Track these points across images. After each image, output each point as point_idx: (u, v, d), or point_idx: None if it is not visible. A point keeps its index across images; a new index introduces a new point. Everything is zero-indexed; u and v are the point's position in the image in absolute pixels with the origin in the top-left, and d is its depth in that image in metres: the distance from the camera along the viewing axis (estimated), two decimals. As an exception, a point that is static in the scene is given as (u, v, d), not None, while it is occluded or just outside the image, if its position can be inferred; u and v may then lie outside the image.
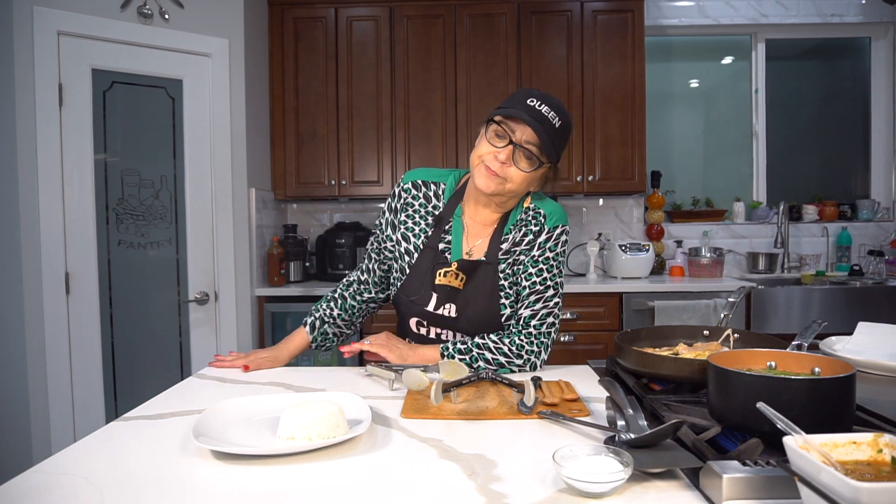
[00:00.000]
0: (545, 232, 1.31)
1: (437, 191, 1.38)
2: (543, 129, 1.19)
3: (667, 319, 2.89)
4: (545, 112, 1.20)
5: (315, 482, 0.75)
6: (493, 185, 1.23)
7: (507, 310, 1.31)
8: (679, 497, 0.69)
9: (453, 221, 1.35)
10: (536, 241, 1.31)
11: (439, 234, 1.34)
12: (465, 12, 3.28)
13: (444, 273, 1.31)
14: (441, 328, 1.35)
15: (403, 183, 1.39)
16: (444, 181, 1.38)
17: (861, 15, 3.66)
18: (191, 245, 2.74)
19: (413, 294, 1.34)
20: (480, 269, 1.31)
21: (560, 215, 1.34)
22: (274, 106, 3.32)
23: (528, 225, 1.32)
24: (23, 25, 2.30)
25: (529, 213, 1.33)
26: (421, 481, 0.75)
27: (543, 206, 1.34)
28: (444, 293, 1.32)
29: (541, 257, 1.31)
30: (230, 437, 0.90)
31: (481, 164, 1.24)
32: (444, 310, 1.32)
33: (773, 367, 0.89)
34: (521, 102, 1.21)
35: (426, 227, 1.36)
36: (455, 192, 1.37)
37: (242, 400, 1.05)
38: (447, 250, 1.34)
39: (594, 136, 3.29)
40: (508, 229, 1.33)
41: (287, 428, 0.87)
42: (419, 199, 1.38)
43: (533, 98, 1.21)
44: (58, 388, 2.38)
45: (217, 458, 0.83)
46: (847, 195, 3.85)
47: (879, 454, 0.59)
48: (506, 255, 1.32)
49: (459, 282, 1.31)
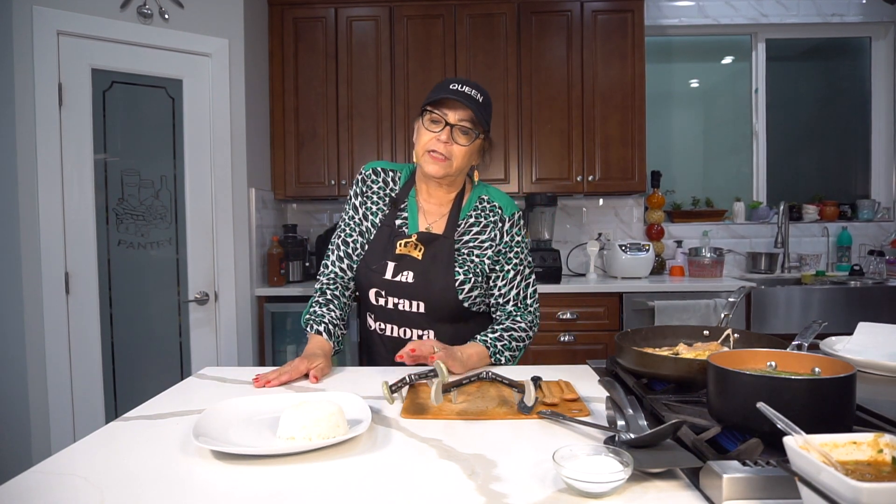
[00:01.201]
0: (507, 221, 1.48)
1: (395, 177, 1.54)
2: (471, 105, 1.35)
3: (667, 319, 2.89)
4: (468, 91, 1.36)
5: (315, 482, 0.75)
6: (442, 169, 1.39)
7: (460, 276, 1.42)
8: (679, 497, 0.69)
9: (408, 202, 1.50)
10: (503, 229, 1.48)
11: (395, 213, 1.49)
12: (465, 12, 3.28)
13: (404, 243, 1.44)
14: (399, 297, 1.44)
15: (364, 171, 1.54)
16: (399, 171, 1.54)
17: (861, 15, 3.66)
18: (191, 245, 2.74)
19: (373, 264, 1.45)
20: (438, 242, 1.44)
21: (511, 202, 1.53)
22: (274, 106, 3.32)
23: (487, 216, 1.48)
24: (23, 25, 2.30)
25: (485, 205, 1.49)
26: (421, 481, 0.75)
27: (496, 199, 1.51)
28: (403, 262, 1.43)
29: (512, 242, 1.49)
30: (230, 437, 0.90)
31: (426, 154, 1.39)
32: (401, 276, 1.43)
33: (773, 367, 0.89)
34: (445, 89, 1.36)
35: (384, 207, 1.50)
36: (409, 178, 1.53)
37: (242, 400, 1.05)
38: (403, 225, 1.48)
39: (594, 136, 3.29)
40: (466, 214, 1.48)
41: (287, 428, 0.87)
42: (378, 184, 1.52)
43: (454, 83, 1.37)
44: (58, 388, 2.38)
45: (217, 458, 0.83)
46: (847, 195, 3.85)
47: (880, 454, 0.59)
48: (461, 236, 1.47)
49: (418, 252, 1.43)
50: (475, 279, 1.44)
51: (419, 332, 1.45)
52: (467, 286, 1.43)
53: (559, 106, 3.30)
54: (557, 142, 3.30)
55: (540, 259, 3.18)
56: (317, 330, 1.41)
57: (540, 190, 3.31)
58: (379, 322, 1.49)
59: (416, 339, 1.44)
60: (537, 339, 2.98)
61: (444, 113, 1.36)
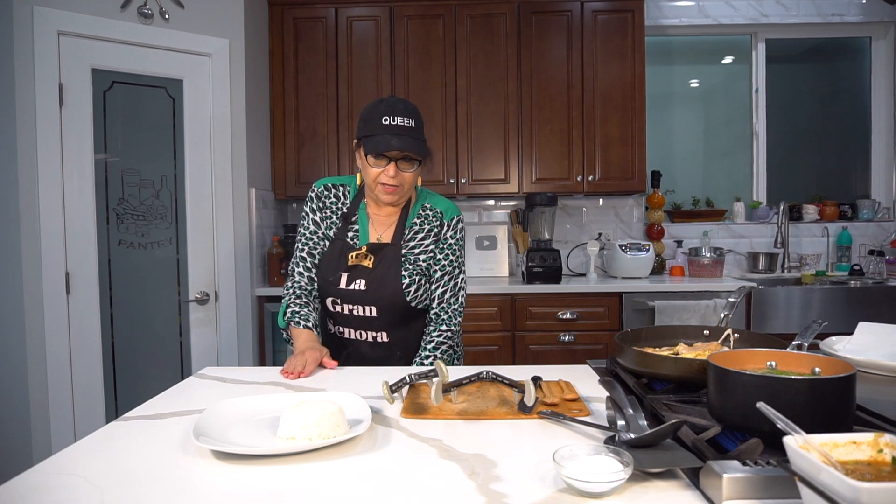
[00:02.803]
0: (445, 224, 1.60)
1: (344, 191, 1.62)
2: (408, 139, 1.43)
3: (667, 319, 2.89)
4: (401, 122, 1.43)
5: (315, 482, 0.75)
6: (395, 198, 1.51)
7: (406, 279, 1.53)
8: (679, 497, 0.69)
9: (358, 214, 1.60)
10: (441, 234, 1.60)
11: (346, 227, 1.59)
12: (465, 12, 3.28)
13: (355, 255, 1.54)
14: (353, 304, 1.55)
15: (317, 188, 1.62)
16: (347, 184, 1.63)
17: (861, 15, 3.66)
18: (191, 245, 2.74)
19: (328, 276, 1.55)
20: (386, 250, 1.55)
21: (452, 208, 1.63)
22: (274, 106, 3.32)
23: (430, 222, 1.60)
24: (23, 25, 2.30)
25: (429, 212, 1.61)
26: (421, 481, 0.75)
27: (438, 205, 1.62)
28: (355, 272, 1.54)
29: (444, 245, 1.60)
30: (230, 437, 0.90)
31: (377, 185, 1.48)
32: (354, 285, 1.53)
33: (773, 367, 0.89)
34: (380, 126, 1.42)
35: (336, 221, 1.60)
36: (357, 192, 1.62)
37: (242, 400, 1.05)
38: (355, 237, 1.58)
39: (594, 136, 3.29)
40: (412, 223, 1.60)
41: (287, 428, 0.87)
42: (330, 198, 1.61)
43: (385, 116, 1.42)
44: (58, 388, 2.38)
45: (217, 458, 0.83)
46: (847, 195, 3.85)
47: (880, 454, 0.59)
48: (408, 242, 1.57)
49: (369, 261, 1.54)
50: (419, 280, 1.56)
51: (374, 334, 1.58)
52: (413, 287, 1.55)
53: (559, 106, 3.30)
54: (557, 142, 3.30)
55: (540, 259, 3.18)
56: (305, 325, 1.49)
57: (540, 190, 3.31)
58: (338, 326, 1.61)
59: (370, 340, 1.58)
60: (537, 339, 2.99)
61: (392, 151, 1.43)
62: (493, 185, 3.31)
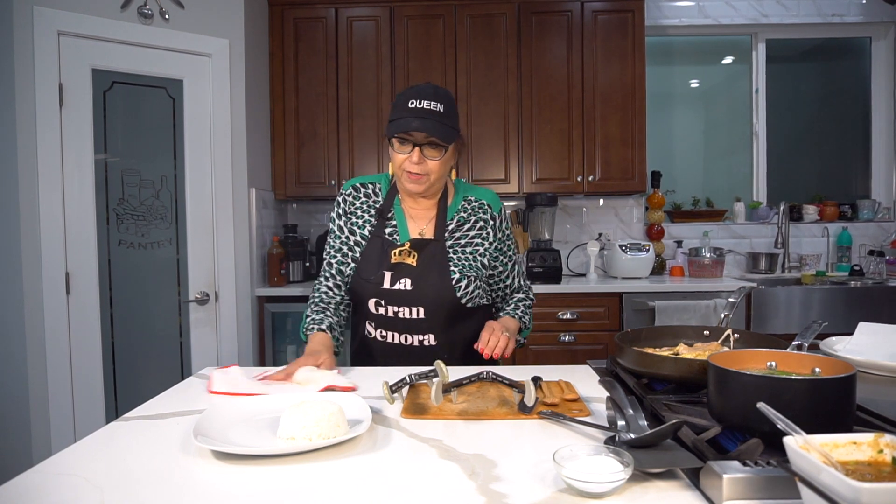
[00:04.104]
0: (498, 218, 1.55)
1: (375, 189, 1.56)
2: (433, 121, 1.36)
3: (667, 319, 2.89)
4: (428, 106, 1.36)
5: (315, 482, 0.75)
6: (422, 187, 1.43)
7: (456, 275, 1.46)
8: (679, 497, 0.69)
9: (394, 210, 1.53)
10: (495, 226, 1.55)
11: (383, 223, 1.51)
12: (465, 12, 3.28)
13: (398, 252, 1.46)
14: (398, 305, 1.46)
15: (344, 190, 1.56)
16: (378, 182, 1.57)
17: (861, 15, 3.66)
18: (191, 245, 2.74)
19: (371, 275, 1.46)
20: (430, 247, 1.48)
21: (496, 198, 1.59)
22: (274, 106, 3.32)
23: (477, 214, 1.54)
24: (23, 25, 2.30)
25: (473, 204, 1.55)
26: (421, 481, 0.75)
27: (482, 196, 1.56)
28: (399, 270, 1.46)
29: (504, 237, 1.57)
30: (230, 437, 0.90)
31: (403, 173, 1.42)
32: (399, 284, 1.45)
33: (773, 367, 0.89)
34: (405, 109, 1.37)
35: (370, 219, 1.52)
36: (390, 188, 1.55)
37: (242, 400, 1.05)
38: (394, 234, 1.50)
39: (594, 136, 3.29)
40: (452, 215, 1.53)
41: (287, 428, 0.86)
42: (360, 199, 1.55)
43: (412, 100, 1.36)
44: (58, 388, 2.38)
45: (217, 458, 0.83)
46: (847, 195, 3.85)
47: (880, 454, 0.59)
48: (453, 234, 1.51)
49: (412, 259, 1.46)
50: (470, 275, 1.48)
51: (420, 337, 1.47)
52: (464, 283, 1.47)
53: (559, 106, 3.30)
54: (557, 142, 3.30)
55: (540, 259, 3.18)
56: (319, 328, 1.43)
57: (540, 190, 3.31)
58: (379, 330, 1.50)
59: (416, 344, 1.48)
60: (537, 339, 2.98)
61: (411, 134, 1.37)
62: (493, 185, 3.31)
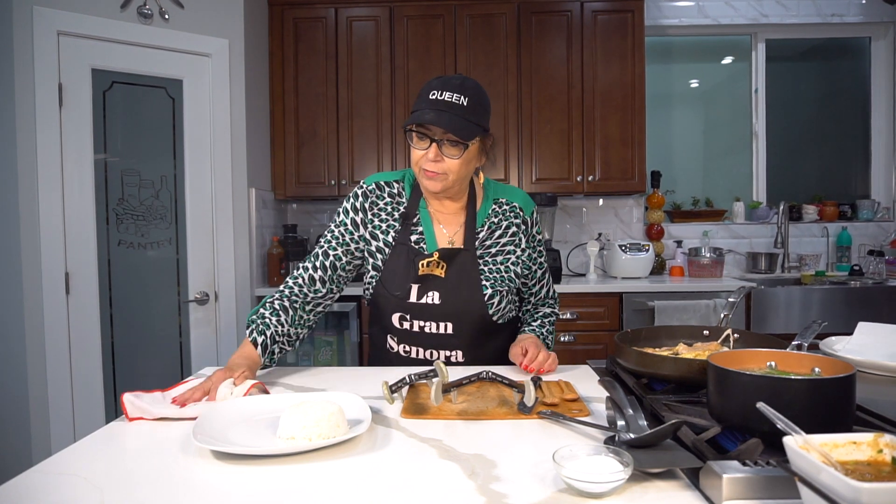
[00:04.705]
0: (529, 222, 1.45)
1: (399, 189, 1.42)
2: (453, 115, 1.24)
3: (667, 319, 2.89)
4: (448, 98, 1.24)
5: (315, 482, 0.75)
6: (439, 185, 1.31)
7: (488, 290, 1.36)
8: (679, 497, 0.69)
9: (420, 214, 1.40)
10: (528, 232, 1.45)
11: (409, 228, 1.39)
12: (465, 12, 3.28)
13: (426, 263, 1.35)
14: (424, 319, 1.37)
15: (367, 185, 1.41)
16: (401, 180, 1.43)
17: (861, 15, 3.66)
18: (191, 245, 2.74)
19: (396, 289, 1.36)
20: (460, 257, 1.37)
21: (527, 198, 1.48)
22: (274, 106, 3.32)
23: (509, 219, 1.43)
24: (23, 25, 2.30)
25: (504, 207, 1.44)
26: (421, 481, 0.75)
27: (513, 198, 1.45)
28: (427, 283, 1.35)
29: (535, 243, 1.47)
30: (230, 437, 0.90)
31: (421, 170, 1.31)
32: (426, 298, 1.35)
33: (773, 367, 0.89)
34: (426, 100, 1.26)
35: (394, 223, 1.39)
36: (414, 188, 1.42)
37: (242, 400, 1.05)
38: (420, 241, 1.38)
39: (594, 136, 3.29)
40: (482, 221, 1.41)
41: (287, 428, 0.86)
42: (384, 199, 1.41)
43: (434, 91, 1.25)
44: (58, 388, 2.38)
45: (217, 458, 0.83)
46: (847, 195, 3.85)
47: (879, 454, 0.59)
48: (483, 243, 1.40)
49: (441, 270, 1.35)
50: (503, 290, 1.38)
51: (447, 353, 1.39)
52: (496, 299, 1.37)
53: (559, 106, 3.30)
54: (557, 142, 3.30)
55: (540, 259, 3.18)
56: (253, 338, 1.28)
57: (540, 190, 3.30)
58: (403, 345, 1.41)
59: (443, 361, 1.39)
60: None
61: (428, 128, 1.26)
62: (493, 185, 3.30)
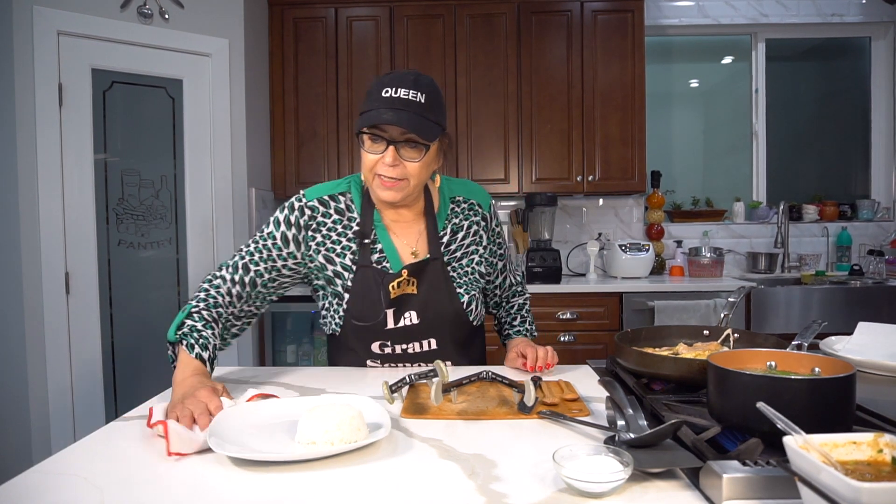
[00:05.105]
0: (488, 217, 1.39)
1: (347, 202, 1.27)
2: (412, 114, 1.13)
3: (667, 319, 2.89)
4: (404, 95, 1.13)
5: (315, 484, 0.75)
6: (398, 194, 1.19)
7: (465, 297, 1.31)
8: (679, 497, 0.69)
9: (376, 229, 1.28)
10: (487, 227, 1.39)
11: (367, 249, 1.26)
12: (465, 12, 3.28)
13: (397, 284, 1.24)
14: (406, 342, 1.29)
15: (307, 199, 1.25)
16: (347, 190, 1.28)
17: (861, 15, 3.66)
18: (191, 245, 2.74)
19: (370, 318, 1.24)
20: (429, 268, 1.28)
21: (483, 192, 1.41)
22: (274, 106, 3.32)
23: (469, 217, 1.36)
24: (23, 25, 2.30)
25: (462, 206, 1.36)
26: (420, 481, 0.75)
27: (471, 194, 1.38)
28: (400, 304, 1.25)
29: (495, 236, 1.42)
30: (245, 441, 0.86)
31: (375, 177, 1.18)
32: (404, 320, 1.26)
33: (773, 367, 0.89)
34: (379, 99, 1.14)
35: (349, 244, 1.26)
36: (364, 199, 1.28)
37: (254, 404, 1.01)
38: (383, 260, 1.27)
39: (594, 136, 3.29)
40: (443, 224, 1.33)
41: (308, 432, 0.83)
42: (330, 216, 1.26)
43: (387, 87, 1.14)
44: (58, 388, 2.38)
45: (224, 461, 0.83)
46: (847, 195, 3.85)
47: (879, 454, 0.59)
48: (449, 247, 1.33)
49: (413, 287, 1.26)
50: (476, 293, 1.34)
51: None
52: (473, 304, 1.32)
53: (559, 106, 3.30)
54: (557, 142, 3.30)
55: (540, 259, 3.18)
56: (198, 354, 1.11)
57: (540, 190, 3.31)
58: (386, 365, 1.34)
59: None
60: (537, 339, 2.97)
61: (383, 129, 1.14)
62: (493, 185, 3.31)
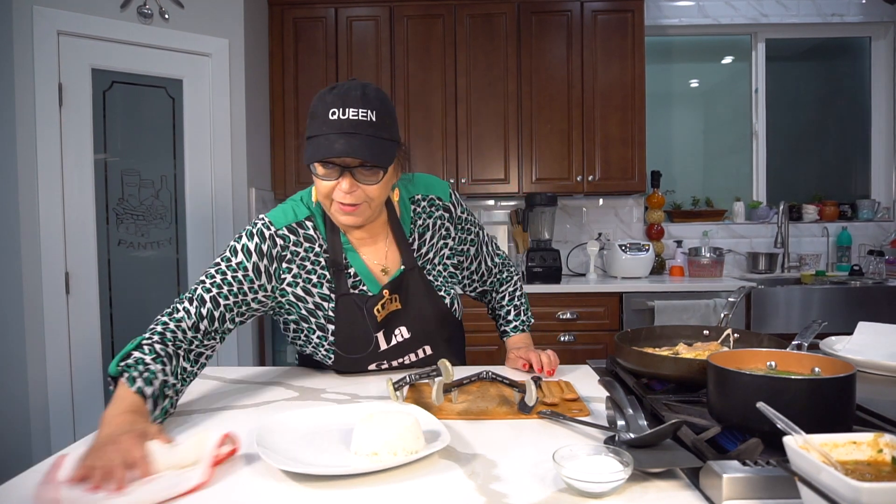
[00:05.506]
0: (451, 207, 1.31)
1: (312, 227, 1.20)
2: (364, 137, 1.04)
3: (667, 319, 2.89)
4: (353, 116, 1.04)
5: (315, 482, 0.75)
6: (359, 219, 1.13)
7: (447, 298, 1.29)
8: (679, 497, 0.69)
9: (346, 253, 1.22)
10: (452, 218, 1.32)
11: (342, 276, 1.20)
12: (465, 12, 3.28)
13: (381, 306, 1.21)
14: (402, 356, 1.28)
15: (276, 228, 1.17)
16: (308, 215, 1.20)
17: (861, 15, 3.66)
18: (191, 245, 2.74)
19: (362, 348, 1.22)
20: (407, 279, 1.24)
21: (440, 183, 1.33)
22: (274, 106, 3.32)
23: (432, 214, 1.29)
24: (23, 25, 2.30)
25: (423, 204, 1.29)
26: (421, 481, 0.75)
27: (428, 189, 1.30)
28: (389, 323, 1.23)
29: (462, 223, 1.34)
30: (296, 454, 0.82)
31: (332, 203, 1.11)
32: (395, 338, 1.25)
33: (773, 367, 0.89)
34: (326, 122, 1.05)
35: (323, 272, 1.20)
36: (327, 223, 1.21)
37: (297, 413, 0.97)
38: (359, 284, 1.22)
39: (594, 136, 3.29)
40: (409, 231, 1.27)
41: (367, 443, 0.80)
42: (301, 245, 1.19)
43: (334, 109, 1.05)
44: (58, 388, 2.38)
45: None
46: (847, 195, 3.85)
47: (879, 454, 0.59)
48: (418, 252, 1.27)
49: (396, 302, 1.23)
50: (453, 291, 1.32)
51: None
52: (456, 303, 1.32)
53: (559, 106, 3.30)
54: (557, 142, 3.30)
55: (540, 259, 3.18)
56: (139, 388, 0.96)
57: (540, 190, 3.31)
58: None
59: None
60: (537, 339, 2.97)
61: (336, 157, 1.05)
62: (493, 185, 3.31)
